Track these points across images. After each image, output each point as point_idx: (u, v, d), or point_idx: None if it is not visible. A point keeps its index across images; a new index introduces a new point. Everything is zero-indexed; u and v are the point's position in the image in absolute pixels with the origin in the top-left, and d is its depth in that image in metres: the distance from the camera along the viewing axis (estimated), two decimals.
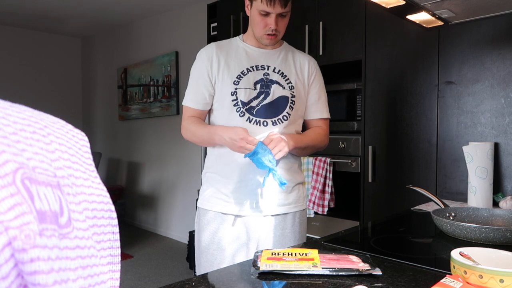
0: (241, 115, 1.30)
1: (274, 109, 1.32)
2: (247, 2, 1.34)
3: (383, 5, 1.23)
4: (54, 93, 5.44)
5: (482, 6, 1.27)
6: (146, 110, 4.72)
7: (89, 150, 0.37)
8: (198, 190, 3.15)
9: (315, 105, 1.44)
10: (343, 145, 2.21)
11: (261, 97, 1.32)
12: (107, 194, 0.36)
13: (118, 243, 0.37)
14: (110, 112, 5.36)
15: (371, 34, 2.08)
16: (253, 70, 1.34)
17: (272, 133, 1.25)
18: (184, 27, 4.22)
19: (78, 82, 5.79)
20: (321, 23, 2.29)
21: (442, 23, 1.40)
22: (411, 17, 1.35)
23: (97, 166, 4.24)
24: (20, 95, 4.94)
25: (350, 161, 2.17)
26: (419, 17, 1.34)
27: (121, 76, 5.10)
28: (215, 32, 3.10)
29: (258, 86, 1.32)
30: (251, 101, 1.31)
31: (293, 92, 1.36)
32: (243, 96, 1.30)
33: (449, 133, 1.80)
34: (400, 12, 1.30)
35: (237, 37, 1.42)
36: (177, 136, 4.35)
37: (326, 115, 1.47)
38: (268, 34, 1.30)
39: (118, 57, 5.17)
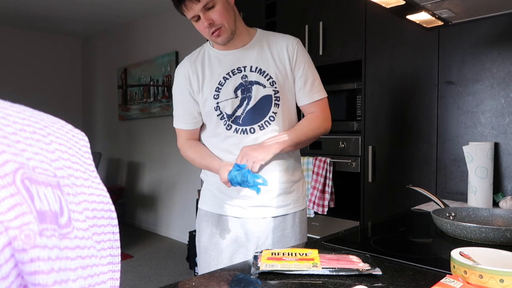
0: (228, 128, 1.27)
1: (259, 112, 1.27)
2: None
3: (383, 5, 1.23)
4: (54, 93, 5.44)
5: (482, 6, 1.27)
6: (146, 110, 4.72)
7: (89, 150, 0.37)
8: (198, 190, 3.15)
9: (302, 90, 1.31)
10: (343, 145, 2.21)
11: (244, 103, 1.26)
12: (107, 194, 0.36)
13: (118, 243, 0.37)
14: (110, 112, 5.36)
15: (371, 34, 2.08)
16: (230, 76, 1.27)
17: (243, 148, 1.22)
18: (184, 27, 4.22)
19: (78, 82, 5.80)
20: (321, 23, 2.29)
21: (442, 23, 1.40)
22: (411, 17, 1.35)
23: (97, 166, 4.24)
24: (20, 95, 4.94)
25: (350, 161, 2.17)
26: (419, 17, 1.34)
27: (121, 76, 5.10)
28: None
29: (239, 92, 1.26)
30: (235, 110, 1.26)
31: (275, 88, 1.27)
32: (227, 108, 1.26)
33: (449, 133, 1.80)
34: (400, 12, 1.30)
35: (207, 43, 1.35)
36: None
37: (318, 96, 1.32)
38: (212, 34, 1.21)
39: (118, 57, 5.17)
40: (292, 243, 1.34)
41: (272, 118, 1.28)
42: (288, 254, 0.89)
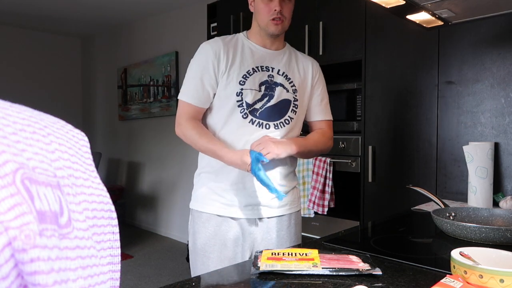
0: (244, 116, 1.27)
1: (277, 112, 1.30)
2: None
3: (383, 5, 1.23)
4: (54, 93, 5.44)
5: (482, 6, 1.27)
6: (146, 110, 4.72)
7: (89, 150, 0.37)
8: None
9: (318, 107, 1.41)
10: (343, 145, 2.21)
11: (265, 99, 1.29)
12: (107, 194, 0.36)
13: (118, 243, 0.37)
14: (110, 112, 5.36)
15: (371, 34, 2.08)
16: (258, 70, 1.30)
17: (264, 136, 1.23)
18: (184, 27, 4.22)
19: (78, 82, 5.79)
20: (321, 23, 2.29)
21: (442, 23, 1.40)
22: (411, 17, 1.35)
23: (97, 166, 4.24)
24: (20, 95, 4.94)
25: (350, 161, 2.17)
26: (419, 17, 1.34)
27: (121, 76, 5.10)
28: (215, 32, 3.10)
29: (263, 88, 1.29)
30: (255, 103, 1.28)
31: (295, 95, 1.34)
32: (248, 97, 1.27)
33: (449, 133, 1.80)
34: (400, 12, 1.30)
35: (241, 33, 1.37)
36: (177, 136, 4.34)
37: (329, 117, 1.44)
38: (273, 20, 1.27)
39: (118, 57, 5.17)
40: (287, 244, 1.34)
41: (287, 121, 1.32)
42: (288, 254, 0.89)
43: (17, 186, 0.25)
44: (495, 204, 1.58)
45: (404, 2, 1.20)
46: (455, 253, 0.76)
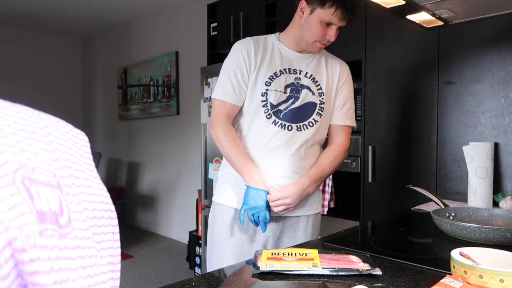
0: (268, 117, 1.29)
1: (301, 114, 1.31)
2: (302, 5, 1.26)
3: (383, 5, 1.23)
4: (54, 93, 5.44)
5: (482, 6, 1.28)
6: (146, 110, 4.72)
7: (89, 150, 0.37)
8: (199, 190, 3.15)
9: (339, 111, 1.39)
10: None
11: (290, 101, 1.30)
12: (107, 194, 0.36)
13: (118, 243, 0.37)
14: (110, 112, 5.36)
15: (371, 34, 2.08)
16: (286, 73, 1.32)
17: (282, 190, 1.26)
18: (184, 27, 4.22)
19: (78, 82, 5.79)
20: None
21: (442, 23, 1.40)
22: (411, 17, 1.35)
23: (97, 166, 4.24)
24: (20, 95, 4.94)
25: (350, 161, 2.17)
26: (419, 17, 1.34)
27: (121, 76, 5.10)
28: (215, 32, 3.10)
29: (289, 90, 1.31)
30: (279, 104, 1.29)
31: (322, 98, 1.34)
32: (273, 98, 1.29)
33: (449, 133, 1.80)
34: (400, 12, 1.30)
35: (273, 35, 1.38)
36: (177, 136, 4.35)
37: (349, 122, 1.40)
38: (321, 43, 1.28)
39: (118, 57, 5.17)
40: None
41: (311, 124, 1.32)
42: (288, 254, 0.89)
43: (17, 186, 0.25)
44: (495, 204, 1.58)
45: (404, 2, 1.20)
46: (455, 253, 0.76)
